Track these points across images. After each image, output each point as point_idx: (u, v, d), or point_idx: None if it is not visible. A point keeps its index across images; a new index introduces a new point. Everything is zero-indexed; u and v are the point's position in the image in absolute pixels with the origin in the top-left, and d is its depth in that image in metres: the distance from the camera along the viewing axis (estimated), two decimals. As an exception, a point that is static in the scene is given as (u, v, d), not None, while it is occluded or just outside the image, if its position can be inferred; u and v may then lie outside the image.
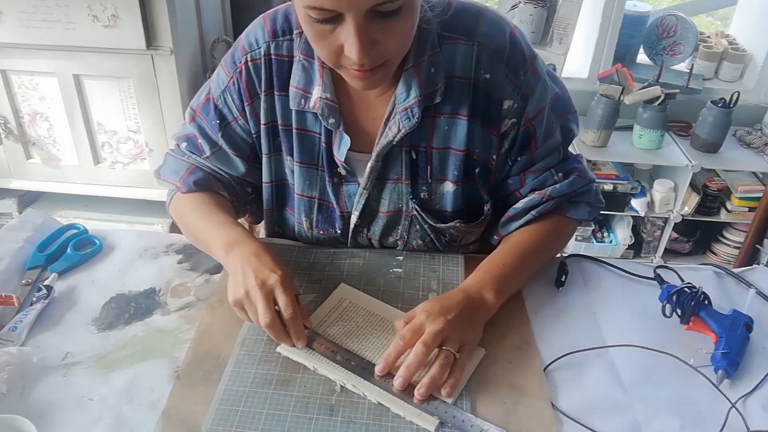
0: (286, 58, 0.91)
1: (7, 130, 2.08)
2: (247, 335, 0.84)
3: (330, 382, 0.77)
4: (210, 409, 0.73)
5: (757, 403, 0.78)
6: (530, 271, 0.95)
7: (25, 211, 1.12)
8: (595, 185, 1.01)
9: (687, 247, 2.61)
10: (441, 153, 0.93)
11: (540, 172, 0.96)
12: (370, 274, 0.96)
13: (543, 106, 0.92)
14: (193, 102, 1.00)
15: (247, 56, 0.92)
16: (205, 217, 0.95)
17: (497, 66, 0.88)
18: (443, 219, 0.98)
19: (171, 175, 1.01)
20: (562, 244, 1.03)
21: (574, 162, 0.99)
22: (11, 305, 0.87)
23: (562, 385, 0.79)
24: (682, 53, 2.47)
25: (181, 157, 1.01)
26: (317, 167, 0.97)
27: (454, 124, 0.91)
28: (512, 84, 0.89)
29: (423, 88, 0.87)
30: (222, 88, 0.95)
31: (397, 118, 0.89)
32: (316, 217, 1.01)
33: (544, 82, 0.91)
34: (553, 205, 0.96)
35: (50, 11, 1.83)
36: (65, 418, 0.73)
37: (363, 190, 0.96)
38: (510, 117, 0.91)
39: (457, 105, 0.90)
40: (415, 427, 0.72)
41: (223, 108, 0.96)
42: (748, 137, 2.37)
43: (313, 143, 0.95)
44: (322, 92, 0.89)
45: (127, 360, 0.81)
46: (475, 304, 0.84)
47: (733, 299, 0.95)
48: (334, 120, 0.91)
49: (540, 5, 2.20)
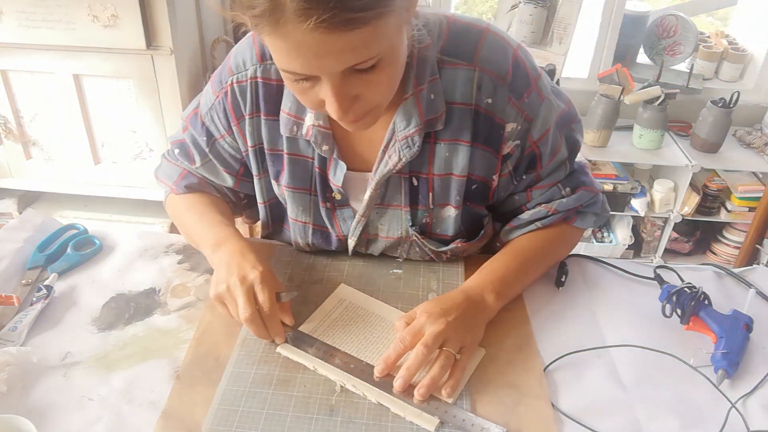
0: (274, 82, 0.88)
1: (7, 130, 2.08)
2: (247, 335, 0.84)
3: (330, 382, 0.77)
4: (210, 409, 0.73)
5: (757, 403, 0.78)
6: (532, 276, 0.94)
7: (25, 211, 1.12)
8: (602, 195, 1.00)
9: (687, 247, 2.61)
10: (442, 179, 0.90)
11: (547, 187, 0.95)
12: (370, 275, 0.96)
13: (548, 128, 0.89)
14: (184, 113, 1.00)
15: (233, 77, 0.89)
16: (197, 216, 0.96)
17: (500, 90, 0.84)
18: (444, 242, 0.96)
19: (165, 178, 1.03)
20: (566, 252, 1.01)
21: (581, 175, 0.98)
22: (11, 305, 0.87)
23: (562, 385, 0.79)
24: (682, 53, 2.47)
25: (174, 162, 1.02)
26: (310, 192, 0.94)
27: (455, 150, 0.87)
28: (515, 107, 0.85)
29: (424, 116, 0.83)
30: (209, 106, 0.94)
31: (397, 147, 0.85)
32: (311, 239, 0.99)
33: (548, 102, 0.88)
34: (560, 219, 0.96)
35: (50, 11, 1.82)
36: (65, 418, 0.73)
37: (361, 218, 0.93)
38: (513, 139, 0.88)
39: (458, 131, 0.86)
40: (415, 427, 0.72)
41: (210, 125, 0.95)
42: (748, 137, 2.37)
43: (306, 168, 0.92)
44: (315, 119, 0.86)
45: (127, 360, 0.81)
46: (476, 306, 0.84)
47: (733, 299, 0.95)
48: (327, 147, 0.88)
49: (540, 5, 2.20)
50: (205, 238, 0.92)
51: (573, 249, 1.04)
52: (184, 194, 1.00)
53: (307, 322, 0.86)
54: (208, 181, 1.01)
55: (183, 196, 1.00)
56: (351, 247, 0.98)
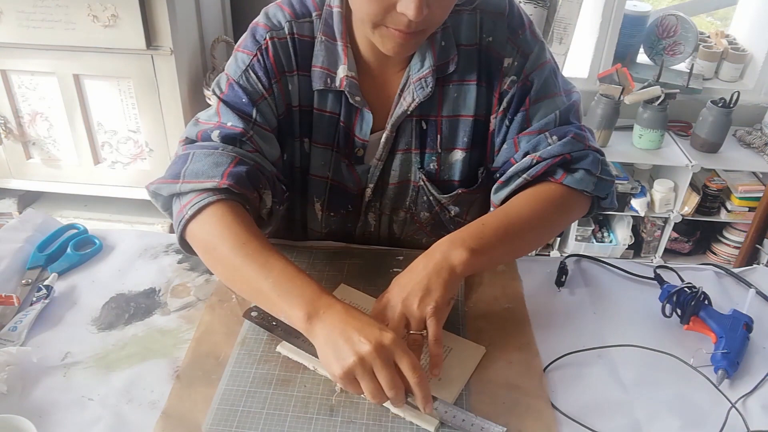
0: (308, 38, 0.92)
1: (7, 130, 2.08)
2: (247, 335, 0.84)
3: (330, 382, 0.77)
4: (210, 409, 0.73)
5: (757, 403, 0.78)
6: (519, 238, 0.86)
7: (25, 211, 1.12)
8: (595, 153, 0.92)
9: (687, 247, 2.61)
10: (450, 121, 0.95)
11: (534, 134, 0.92)
12: (370, 275, 0.96)
13: (541, 63, 0.93)
14: (214, 89, 0.92)
15: (271, 33, 0.91)
16: (262, 261, 0.77)
17: (499, 26, 0.92)
18: (451, 189, 0.99)
19: (207, 171, 0.82)
20: (559, 216, 0.92)
21: (573, 127, 0.93)
22: (11, 305, 0.87)
23: (562, 385, 0.79)
24: (682, 53, 2.47)
25: (215, 150, 0.84)
26: (332, 148, 0.97)
27: (463, 90, 0.93)
28: (512, 43, 0.92)
29: (437, 59, 0.90)
30: (243, 68, 0.90)
31: (412, 88, 0.92)
32: (328, 198, 1.01)
33: (542, 44, 0.94)
34: (544, 167, 0.89)
35: (50, 11, 1.83)
36: (65, 418, 0.73)
37: (378, 161, 0.97)
38: (510, 75, 0.92)
39: (465, 72, 0.93)
40: (415, 427, 0.72)
41: (247, 87, 0.90)
42: (748, 137, 2.37)
43: (331, 124, 0.95)
44: (348, 70, 0.90)
45: (127, 360, 0.81)
46: (436, 267, 0.78)
47: (733, 299, 0.95)
48: (360, 98, 0.92)
49: (540, 5, 2.20)
50: (289, 299, 0.74)
51: (571, 216, 0.96)
52: (228, 215, 0.80)
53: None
54: (262, 165, 0.87)
55: (226, 219, 0.80)
56: (367, 196, 1.00)
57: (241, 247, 0.77)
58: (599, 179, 0.92)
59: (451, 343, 0.83)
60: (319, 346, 0.72)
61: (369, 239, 1.07)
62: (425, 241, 1.07)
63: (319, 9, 0.92)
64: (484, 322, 0.88)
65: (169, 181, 0.84)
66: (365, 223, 1.05)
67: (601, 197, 0.94)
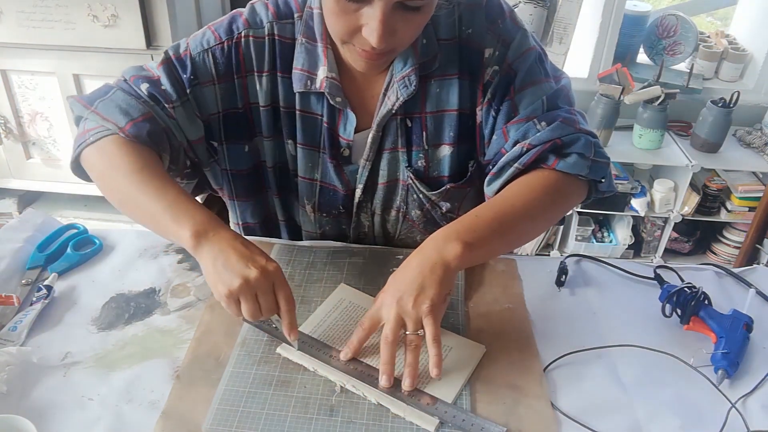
0: (288, 40, 0.92)
1: (7, 130, 2.08)
2: (247, 335, 0.84)
3: (330, 382, 0.77)
4: (210, 409, 0.73)
5: (757, 403, 0.78)
6: (514, 229, 0.85)
7: (25, 211, 1.12)
8: (587, 136, 0.90)
9: (687, 247, 2.61)
10: (435, 117, 0.94)
11: (522, 122, 0.90)
12: (370, 274, 0.96)
13: (525, 50, 0.91)
14: (169, 49, 0.93)
15: (249, 30, 0.91)
16: (156, 186, 0.81)
17: (477, 17, 0.91)
18: (440, 185, 0.98)
19: (115, 112, 0.86)
20: (555, 203, 0.90)
21: (562, 111, 0.91)
22: (11, 305, 0.87)
23: (562, 385, 0.79)
24: (682, 53, 2.47)
25: (135, 98, 0.88)
26: (318, 150, 0.97)
27: (444, 85, 0.93)
28: (492, 33, 0.91)
29: (419, 57, 0.90)
30: (204, 47, 0.91)
31: (395, 87, 0.91)
32: (318, 200, 1.01)
33: (524, 31, 0.92)
34: (535, 155, 0.88)
35: (50, 11, 1.83)
36: (65, 418, 0.73)
37: (366, 162, 0.97)
38: (492, 65, 0.91)
39: (446, 67, 0.92)
40: (415, 427, 0.72)
41: (199, 65, 0.91)
42: (748, 137, 2.37)
43: (315, 125, 0.95)
44: (328, 72, 0.90)
45: (127, 360, 0.81)
46: (430, 264, 0.78)
47: (733, 299, 0.95)
48: (341, 99, 0.92)
49: (540, 5, 2.20)
50: (178, 219, 0.78)
51: (568, 204, 0.94)
52: (131, 145, 0.84)
53: (306, 322, 0.86)
54: (172, 133, 0.90)
55: (130, 148, 0.84)
56: (357, 197, 1.00)
57: (137, 173, 0.82)
58: (593, 162, 0.90)
59: (451, 341, 0.83)
60: (206, 265, 0.77)
61: (364, 240, 1.07)
62: (420, 239, 1.05)
63: (300, 10, 0.92)
64: (484, 322, 0.88)
65: (82, 103, 0.91)
66: (358, 224, 1.05)
67: (597, 180, 0.93)
